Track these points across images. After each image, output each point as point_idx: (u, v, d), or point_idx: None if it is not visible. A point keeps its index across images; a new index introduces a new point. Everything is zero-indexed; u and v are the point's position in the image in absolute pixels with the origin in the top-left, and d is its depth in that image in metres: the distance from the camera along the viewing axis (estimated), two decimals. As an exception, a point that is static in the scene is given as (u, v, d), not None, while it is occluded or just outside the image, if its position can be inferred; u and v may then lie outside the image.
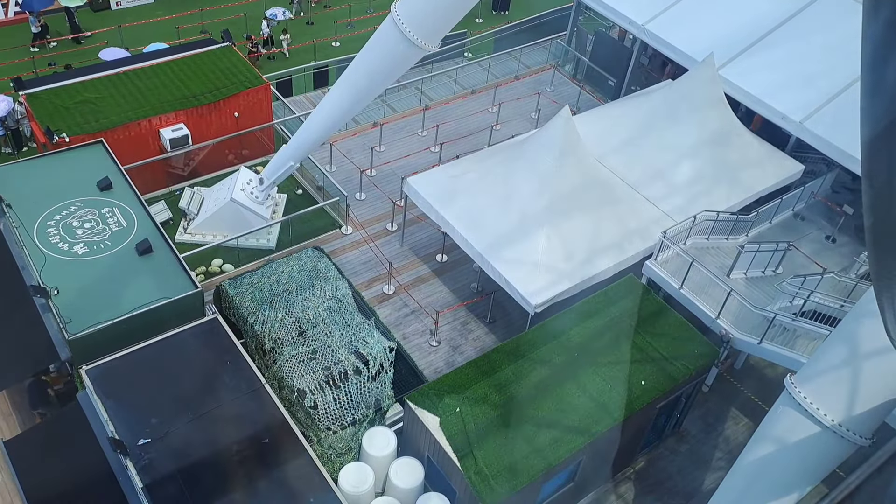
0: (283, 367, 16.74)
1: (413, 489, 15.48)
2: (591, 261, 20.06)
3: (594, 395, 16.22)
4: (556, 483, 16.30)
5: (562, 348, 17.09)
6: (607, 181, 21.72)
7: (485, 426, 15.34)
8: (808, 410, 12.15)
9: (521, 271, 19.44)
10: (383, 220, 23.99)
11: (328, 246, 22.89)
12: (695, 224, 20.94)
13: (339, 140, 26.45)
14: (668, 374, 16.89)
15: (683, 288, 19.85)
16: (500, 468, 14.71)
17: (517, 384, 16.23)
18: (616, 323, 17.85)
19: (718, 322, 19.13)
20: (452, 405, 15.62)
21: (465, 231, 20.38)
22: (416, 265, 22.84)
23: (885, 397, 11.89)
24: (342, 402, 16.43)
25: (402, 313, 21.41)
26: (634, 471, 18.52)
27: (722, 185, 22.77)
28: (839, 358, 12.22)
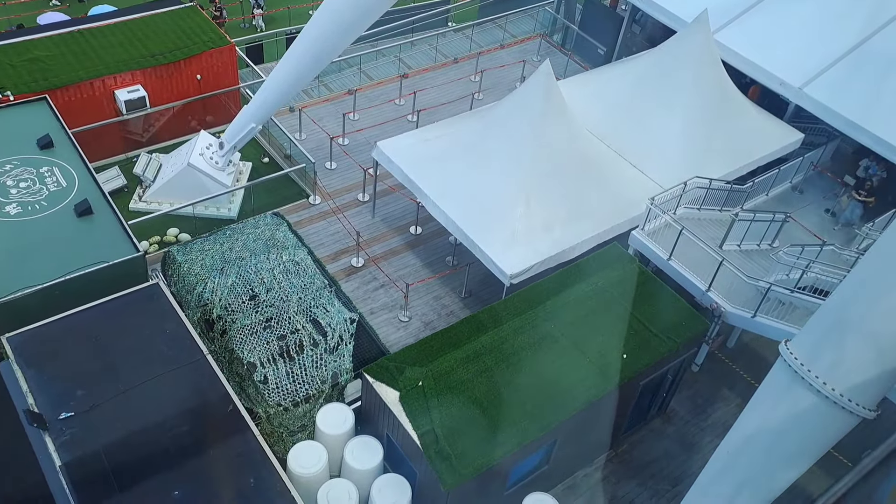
0: (233, 339, 15.28)
1: (370, 470, 14.03)
2: (573, 230, 18.61)
3: (570, 370, 14.78)
4: (528, 465, 14.85)
5: (537, 319, 15.64)
6: (592, 146, 20.25)
7: (449, 402, 13.90)
8: (805, 378, 10.70)
9: (497, 240, 17.99)
10: (354, 190, 22.53)
11: (294, 216, 21.44)
12: (685, 192, 19.48)
13: (309, 106, 25.01)
14: (653, 347, 15.45)
15: (672, 259, 18.40)
16: (464, 447, 13.27)
17: (486, 357, 14.78)
18: (597, 293, 16.40)
19: (709, 295, 17.70)
20: (414, 379, 14.17)
21: (437, 198, 18.92)
22: (388, 237, 21.38)
23: (891, 364, 10.43)
24: (296, 376, 14.97)
25: (370, 287, 19.95)
26: (617, 454, 17.08)
27: (715, 153, 21.30)
28: (839, 322, 10.75)
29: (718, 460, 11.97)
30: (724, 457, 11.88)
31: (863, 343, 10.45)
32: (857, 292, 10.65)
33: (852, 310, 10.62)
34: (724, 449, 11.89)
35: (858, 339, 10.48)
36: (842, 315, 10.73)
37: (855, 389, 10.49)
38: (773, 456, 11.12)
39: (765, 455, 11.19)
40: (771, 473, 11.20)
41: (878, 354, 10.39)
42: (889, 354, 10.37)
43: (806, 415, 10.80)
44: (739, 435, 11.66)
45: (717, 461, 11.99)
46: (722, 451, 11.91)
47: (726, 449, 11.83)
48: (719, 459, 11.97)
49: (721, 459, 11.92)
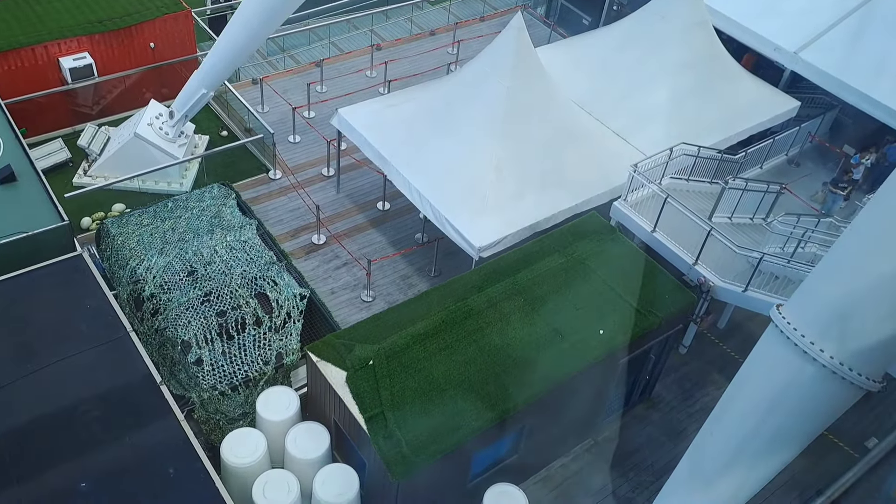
0: (167, 318, 13.77)
1: (314, 460, 12.51)
2: (550, 199, 17.12)
3: (540, 347, 13.26)
4: (493, 454, 13.36)
5: (505, 293, 14.12)
6: (571, 112, 18.73)
7: (403, 383, 12.38)
8: (799, 346, 9.19)
9: (466, 210, 16.49)
10: (319, 164, 21.02)
11: (251, 192, 19.96)
12: (671, 159, 17.96)
13: (274, 78, 23.51)
14: (633, 322, 13.92)
15: (657, 231, 16.91)
16: (417, 433, 11.75)
17: (447, 334, 13.25)
18: (572, 265, 14.87)
19: (697, 269, 16.20)
20: (364, 357, 12.65)
21: (401, 167, 17.42)
22: (353, 213, 19.88)
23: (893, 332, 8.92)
24: (235, 356, 13.46)
25: (332, 265, 18.45)
26: (596, 443, 15.56)
27: (705, 121, 19.81)
28: (839, 281, 9.22)
29: (701, 443, 10.46)
30: (707, 439, 10.37)
31: (866, 304, 8.94)
32: (859, 246, 9.14)
33: (854, 266, 9.10)
34: (707, 430, 10.38)
35: (861, 299, 8.97)
36: (842, 273, 9.21)
37: (858, 357, 8.98)
38: (763, 436, 9.61)
39: (754, 435, 9.68)
40: (761, 456, 9.69)
41: (885, 316, 8.88)
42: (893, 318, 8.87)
43: (802, 388, 9.29)
44: (725, 414, 10.15)
45: (699, 444, 10.49)
46: (705, 432, 10.40)
47: (710, 430, 10.32)
48: (702, 442, 10.46)
49: (704, 442, 10.42)
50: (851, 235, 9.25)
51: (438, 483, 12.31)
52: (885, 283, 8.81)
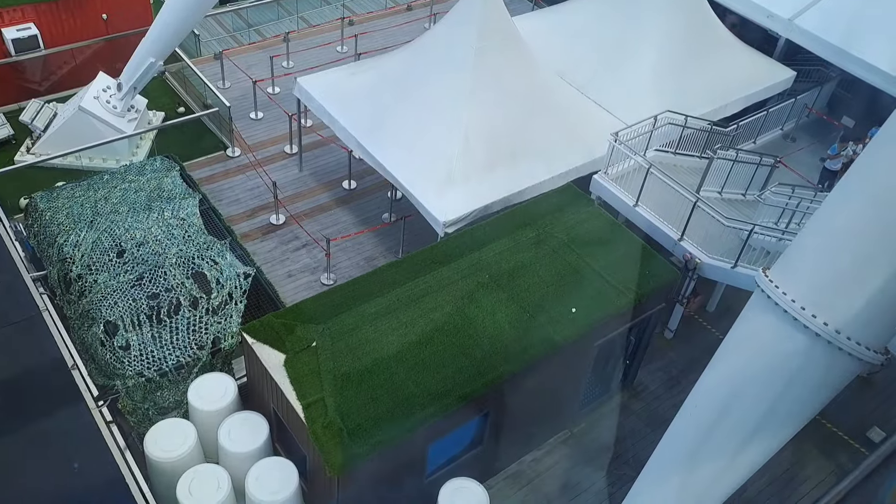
0: (93, 298, 12.45)
1: (249, 454, 11.16)
2: (523, 172, 15.77)
3: (505, 327, 11.92)
4: (453, 446, 12.01)
5: (469, 269, 12.80)
6: (547, 79, 17.39)
7: (349, 366, 11.05)
8: (789, 312, 7.86)
9: (431, 183, 15.15)
10: (281, 142, 19.69)
11: (208, 170, 18.65)
12: (656, 128, 16.62)
13: (237, 53, 22.20)
14: (609, 300, 12.58)
15: (640, 205, 15.57)
16: (361, 421, 10.41)
17: (402, 312, 11.93)
18: (544, 238, 13.54)
19: (682, 245, 14.85)
20: (306, 338, 11.32)
21: (364, 137, 16.09)
22: (317, 192, 18.54)
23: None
24: (165, 340, 12.12)
25: (290, 247, 17.10)
26: (572, 434, 14.21)
27: (693, 90, 18.45)
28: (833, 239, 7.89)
29: (679, 428, 9.12)
30: (685, 422, 9.03)
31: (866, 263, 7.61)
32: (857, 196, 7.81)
33: (852, 220, 7.77)
34: (685, 413, 9.04)
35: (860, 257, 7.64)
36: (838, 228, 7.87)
37: (856, 324, 7.65)
38: (749, 418, 8.27)
39: (738, 417, 8.34)
40: (746, 441, 8.34)
41: (888, 276, 7.55)
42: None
43: (792, 361, 7.95)
44: (705, 393, 8.81)
45: (676, 429, 9.15)
46: (683, 415, 9.07)
47: (688, 412, 8.98)
48: (680, 426, 9.12)
49: (682, 426, 9.08)
50: (849, 185, 7.91)
51: (388, 478, 10.96)
52: (888, 238, 7.49)
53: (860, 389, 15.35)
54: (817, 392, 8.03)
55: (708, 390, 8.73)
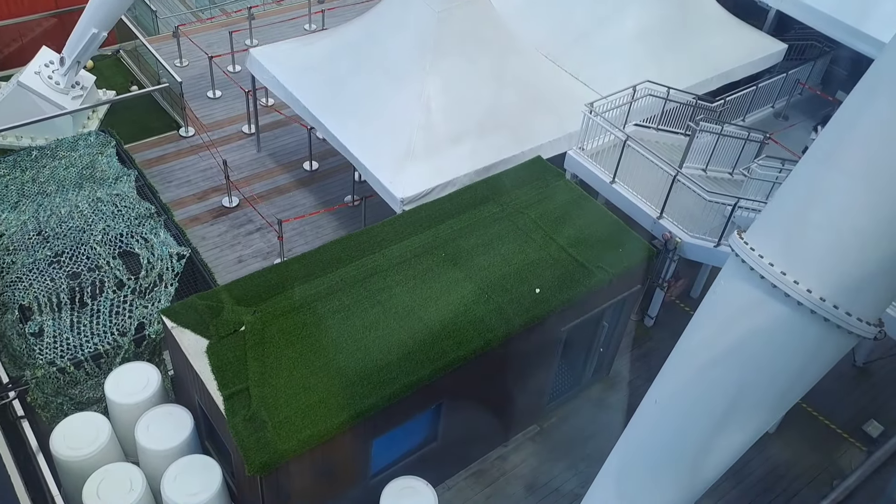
0: (6, 280, 11.26)
1: (169, 452, 9.95)
2: (490, 146, 14.56)
3: (460, 309, 10.72)
4: (403, 441, 10.81)
5: (423, 247, 11.61)
6: (518, 47, 16.18)
7: (280, 352, 9.85)
8: (767, 278, 6.67)
9: (389, 157, 13.96)
10: (239, 121, 18.50)
11: (159, 150, 17.46)
12: (635, 99, 15.43)
13: (197, 31, 21.02)
14: (577, 280, 11.38)
15: (616, 182, 14.39)
16: (290, 413, 9.21)
17: (345, 294, 10.74)
18: (508, 214, 12.35)
19: (662, 223, 13.67)
20: (234, 322, 10.12)
21: (318, 109, 14.90)
22: (275, 174, 17.35)
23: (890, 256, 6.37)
24: (84, 326, 10.92)
25: (243, 231, 15.90)
26: (541, 429, 13.01)
27: (676, 63, 17.25)
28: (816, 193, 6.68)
29: (643, 416, 7.93)
30: (650, 412, 7.84)
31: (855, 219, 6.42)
32: (845, 143, 6.62)
33: (840, 171, 6.58)
34: (650, 398, 7.85)
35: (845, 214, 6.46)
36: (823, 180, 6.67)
37: (844, 291, 6.43)
38: (722, 401, 7.05)
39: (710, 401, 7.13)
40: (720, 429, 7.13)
41: (881, 234, 6.37)
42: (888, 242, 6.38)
43: (772, 334, 6.74)
44: (673, 374, 7.61)
45: (640, 418, 7.96)
46: (648, 401, 7.88)
47: (653, 397, 7.79)
48: (644, 414, 7.93)
49: (646, 414, 7.89)
50: (835, 132, 6.71)
51: (324, 478, 9.75)
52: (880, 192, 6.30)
53: (856, 379, 14.15)
54: (802, 371, 6.81)
55: (676, 372, 7.53)
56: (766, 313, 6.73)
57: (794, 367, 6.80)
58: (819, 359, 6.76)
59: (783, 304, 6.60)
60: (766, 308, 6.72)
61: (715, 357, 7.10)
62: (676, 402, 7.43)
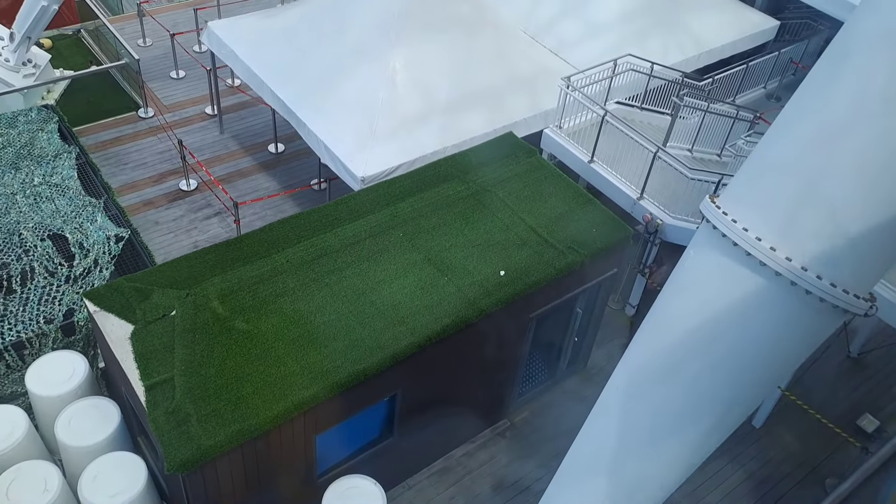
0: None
1: (91, 448, 9.05)
2: (460, 123, 13.66)
3: (416, 292, 9.81)
4: (353, 436, 9.90)
5: (380, 226, 10.70)
6: (492, 20, 15.27)
7: (212, 339, 8.94)
8: (741, 245, 5.76)
9: (349, 134, 13.05)
10: (202, 102, 17.59)
11: (115, 131, 16.55)
12: (616, 74, 14.53)
13: (162, 11, 20.09)
14: (545, 261, 10.47)
15: (595, 161, 13.49)
16: (219, 405, 8.29)
17: (291, 276, 9.83)
18: (474, 192, 11.44)
19: (642, 204, 12.77)
20: (164, 306, 9.21)
21: (276, 85, 13.99)
22: (238, 156, 16.44)
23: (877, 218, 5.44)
24: (7, 314, 10.00)
25: (200, 215, 14.99)
26: (512, 424, 12.11)
27: (662, 39, 16.36)
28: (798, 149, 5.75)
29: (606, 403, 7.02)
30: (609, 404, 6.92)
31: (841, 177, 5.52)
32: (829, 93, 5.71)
33: (824, 124, 5.67)
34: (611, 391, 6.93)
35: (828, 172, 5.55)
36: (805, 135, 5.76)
37: (828, 260, 5.50)
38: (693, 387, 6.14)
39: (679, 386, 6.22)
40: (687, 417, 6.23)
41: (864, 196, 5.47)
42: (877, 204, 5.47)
43: (748, 310, 5.83)
44: (637, 354, 6.69)
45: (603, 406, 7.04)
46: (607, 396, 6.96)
47: (615, 384, 6.87)
48: (602, 411, 7.02)
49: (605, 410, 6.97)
50: (819, 80, 5.80)
51: (261, 478, 8.83)
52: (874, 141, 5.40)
53: (850, 371, 13.24)
54: (782, 352, 5.89)
55: (640, 355, 6.62)
56: (741, 286, 5.81)
57: (772, 348, 5.88)
58: (802, 338, 5.84)
59: (759, 275, 5.68)
60: (741, 280, 5.80)
61: (683, 337, 6.18)
62: (640, 389, 6.51)
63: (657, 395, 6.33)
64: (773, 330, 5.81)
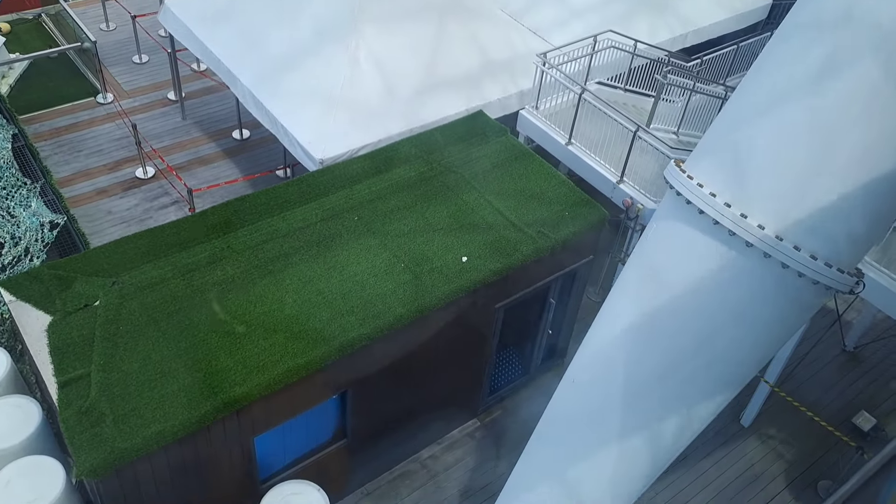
0: None
1: (6, 451, 8.18)
2: (430, 103, 12.80)
3: (368, 280, 8.97)
4: (299, 439, 9.06)
5: (332, 210, 9.86)
6: None
7: (139, 332, 8.10)
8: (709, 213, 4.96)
9: (309, 114, 12.20)
10: (165, 87, 16.74)
11: (71, 118, 15.72)
12: (597, 51, 13.68)
13: (129, -6, 19.25)
14: (512, 246, 9.63)
15: (573, 143, 12.65)
16: (139, 404, 7.45)
17: (231, 263, 8.99)
18: (438, 173, 10.61)
19: (622, 188, 11.93)
20: (88, 295, 8.37)
21: (231, 62, 13.15)
22: (200, 143, 15.59)
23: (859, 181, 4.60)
24: (-77, 304, 9.18)
25: (156, 204, 14.14)
26: (482, 424, 11.28)
27: (648, 16, 15.52)
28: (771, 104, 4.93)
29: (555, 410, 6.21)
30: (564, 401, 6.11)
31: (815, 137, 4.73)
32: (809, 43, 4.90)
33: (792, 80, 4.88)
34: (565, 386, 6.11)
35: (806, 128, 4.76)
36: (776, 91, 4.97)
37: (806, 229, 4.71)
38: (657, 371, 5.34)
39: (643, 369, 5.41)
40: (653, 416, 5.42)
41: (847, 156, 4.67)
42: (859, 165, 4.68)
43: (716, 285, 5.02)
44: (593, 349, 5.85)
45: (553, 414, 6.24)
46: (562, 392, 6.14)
47: (570, 378, 6.04)
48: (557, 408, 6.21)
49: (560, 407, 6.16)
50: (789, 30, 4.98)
51: (192, 485, 7.99)
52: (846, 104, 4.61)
53: (845, 366, 12.40)
54: (758, 336, 5.06)
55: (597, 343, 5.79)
56: (708, 261, 5.00)
57: (746, 331, 5.06)
58: (779, 319, 5.02)
59: (728, 246, 4.88)
60: (708, 253, 4.99)
61: (644, 320, 5.36)
62: (597, 380, 5.69)
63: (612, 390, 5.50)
64: (747, 310, 5.00)
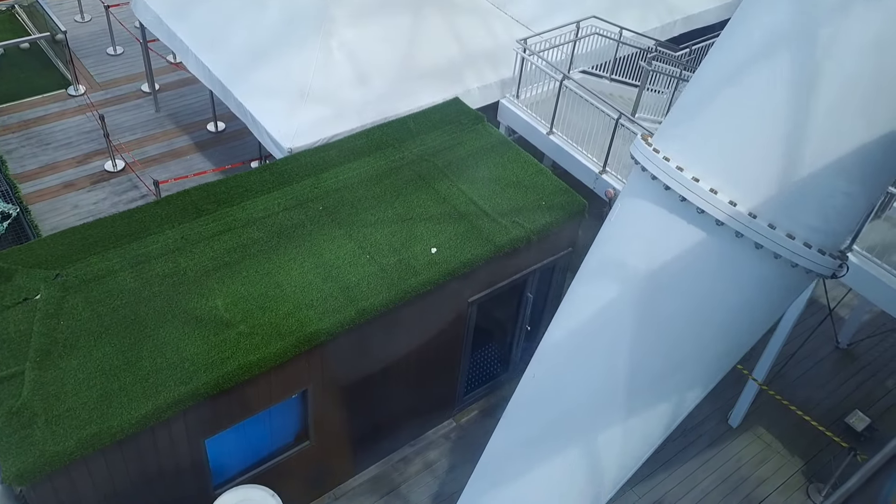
0: None
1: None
2: (407, 91, 12.29)
3: (330, 272, 8.47)
4: (255, 440, 8.55)
5: (296, 199, 9.37)
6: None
7: (82, 327, 7.59)
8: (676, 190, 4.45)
9: (278, 101, 11.69)
10: (139, 80, 16.25)
11: (41, 110, 15.27)
12: (580, 37, 13.19)
13: (104, -15, 18.77)
14: (485, 237, 9.12)
15: (554, 133, 12.15)
16: (75, 404, 6.95)
17: (184, 255, 8.49)
18: (409, 162, 10.11)
19: (604, 178, 11.43)
20: (28, 288, 7.86)
21: (201, 52, 12.66)
22: (173, 136, 15.11)
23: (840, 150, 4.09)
24: None
25: (125, 198, 13.65)
26: (458, 425, 10.78)
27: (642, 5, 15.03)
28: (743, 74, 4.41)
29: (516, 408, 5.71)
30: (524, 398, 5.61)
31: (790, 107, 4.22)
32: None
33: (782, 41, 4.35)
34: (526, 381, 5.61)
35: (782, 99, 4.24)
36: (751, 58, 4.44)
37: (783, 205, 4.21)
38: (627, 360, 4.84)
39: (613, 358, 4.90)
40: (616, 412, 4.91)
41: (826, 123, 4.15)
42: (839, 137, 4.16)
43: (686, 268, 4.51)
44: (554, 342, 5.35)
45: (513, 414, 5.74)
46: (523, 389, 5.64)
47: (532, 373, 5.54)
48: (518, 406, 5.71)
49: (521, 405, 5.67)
50: None
51: (136, 492, 7.47)
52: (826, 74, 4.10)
53: (838, 364, 11.89)
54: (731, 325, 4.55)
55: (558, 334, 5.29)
56: (674, 241, 4.49)
57: (718, 319, 4.55)
58: (756, 306, 4.51)
59: (696, 225, 4.38)
60: (674, 233, 4.49)
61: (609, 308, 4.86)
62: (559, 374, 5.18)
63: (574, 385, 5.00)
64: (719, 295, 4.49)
